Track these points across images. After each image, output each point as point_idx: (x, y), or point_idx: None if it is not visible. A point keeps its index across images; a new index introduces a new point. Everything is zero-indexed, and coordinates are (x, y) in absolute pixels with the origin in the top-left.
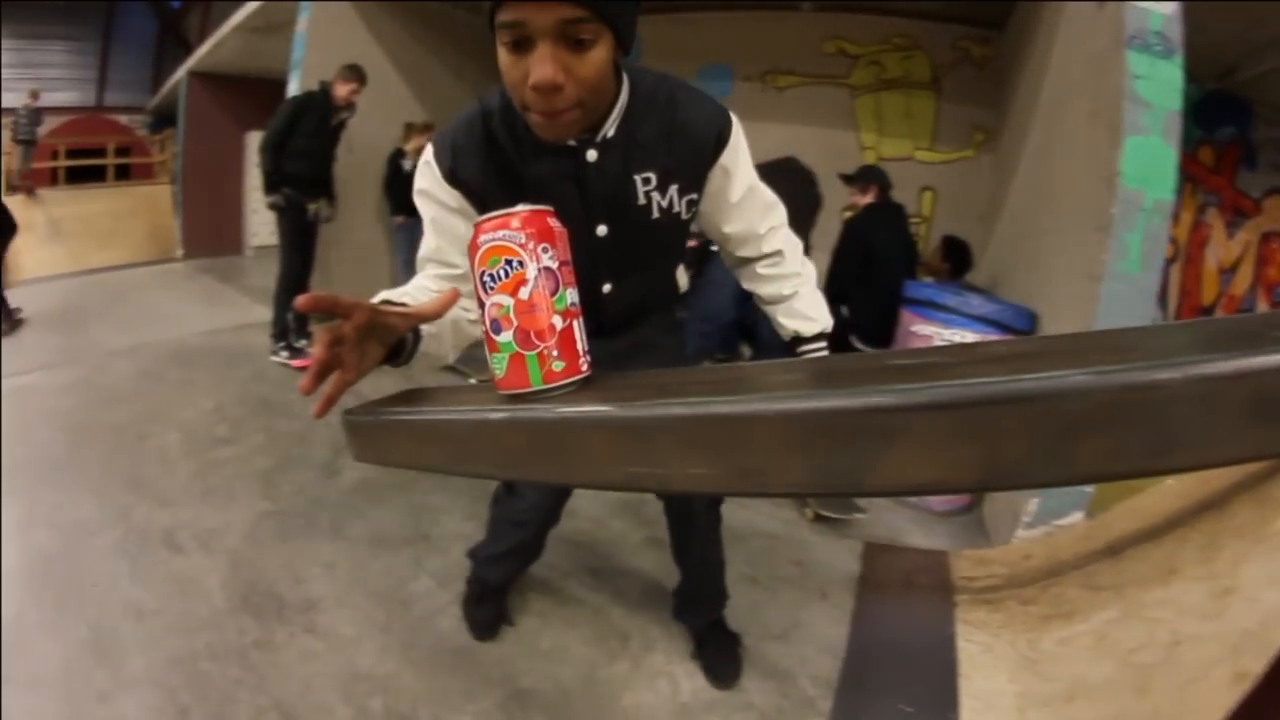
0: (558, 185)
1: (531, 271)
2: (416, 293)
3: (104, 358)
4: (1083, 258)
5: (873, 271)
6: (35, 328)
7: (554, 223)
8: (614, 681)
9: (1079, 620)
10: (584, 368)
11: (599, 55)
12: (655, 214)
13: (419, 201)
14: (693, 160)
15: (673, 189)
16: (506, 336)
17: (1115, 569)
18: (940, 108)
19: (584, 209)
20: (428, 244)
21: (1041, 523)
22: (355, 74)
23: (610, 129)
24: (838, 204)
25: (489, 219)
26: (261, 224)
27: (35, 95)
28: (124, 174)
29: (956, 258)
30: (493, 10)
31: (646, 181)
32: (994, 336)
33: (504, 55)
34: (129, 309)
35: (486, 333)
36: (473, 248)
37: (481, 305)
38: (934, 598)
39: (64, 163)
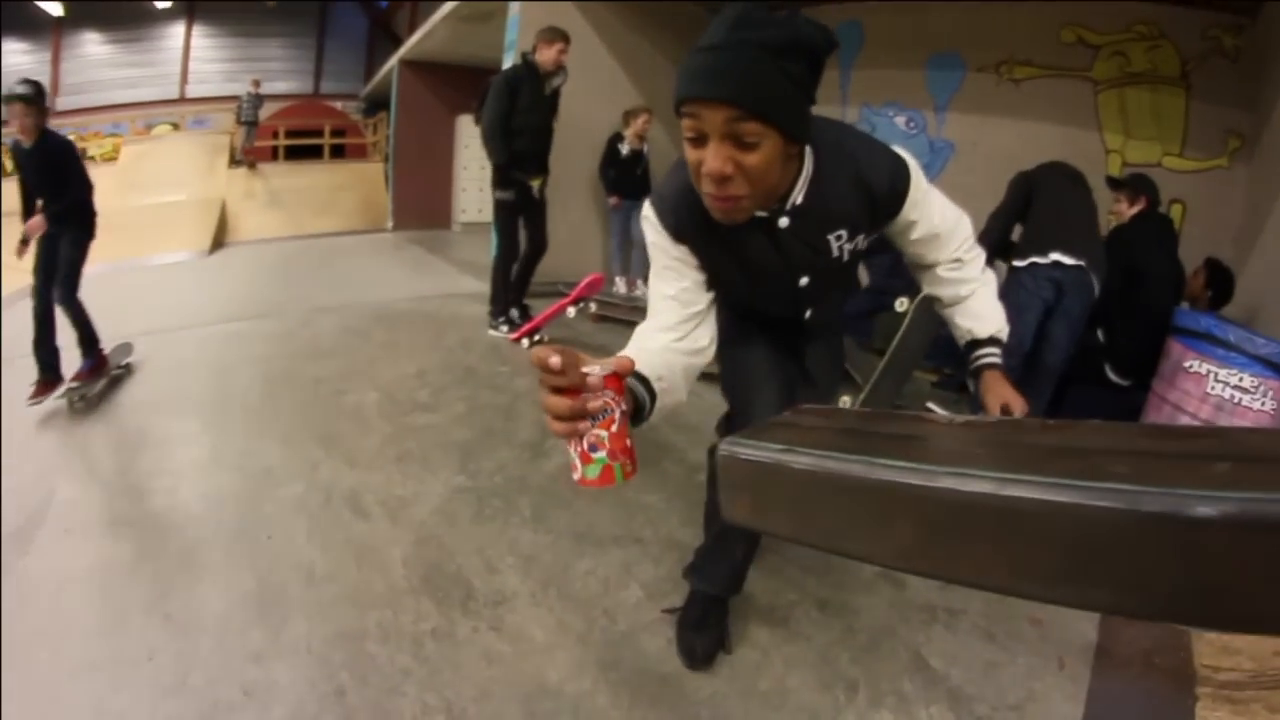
0: (758, 249)
1: (618, 415)
2: (640, 352)
3: (311, 313)
4: None
5: (1140, 292)
6: (247, 282)
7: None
8: None
9: None
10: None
11: (764, 153)
12: (846, 258)
13: (652, 252)
14: (878, 215)
15: (859, 236)
16: (601, 454)
17: None
18: (1190, 107)
19: (786, 268)
20: (666, 289)
21: None
22: (557, 34)
23: (799, 196)
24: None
25: (605, 374)
26: (470, 201)
27: (257, 83)
28: (338, 153)
29: (1220, 285)
30: (677, 105)
31: (838, 238)
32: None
33: (686, 144)
34: (339, 271)
35: (584, 451)
36: (579, 392)
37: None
38: (1174, 686)
39: (284, 141)
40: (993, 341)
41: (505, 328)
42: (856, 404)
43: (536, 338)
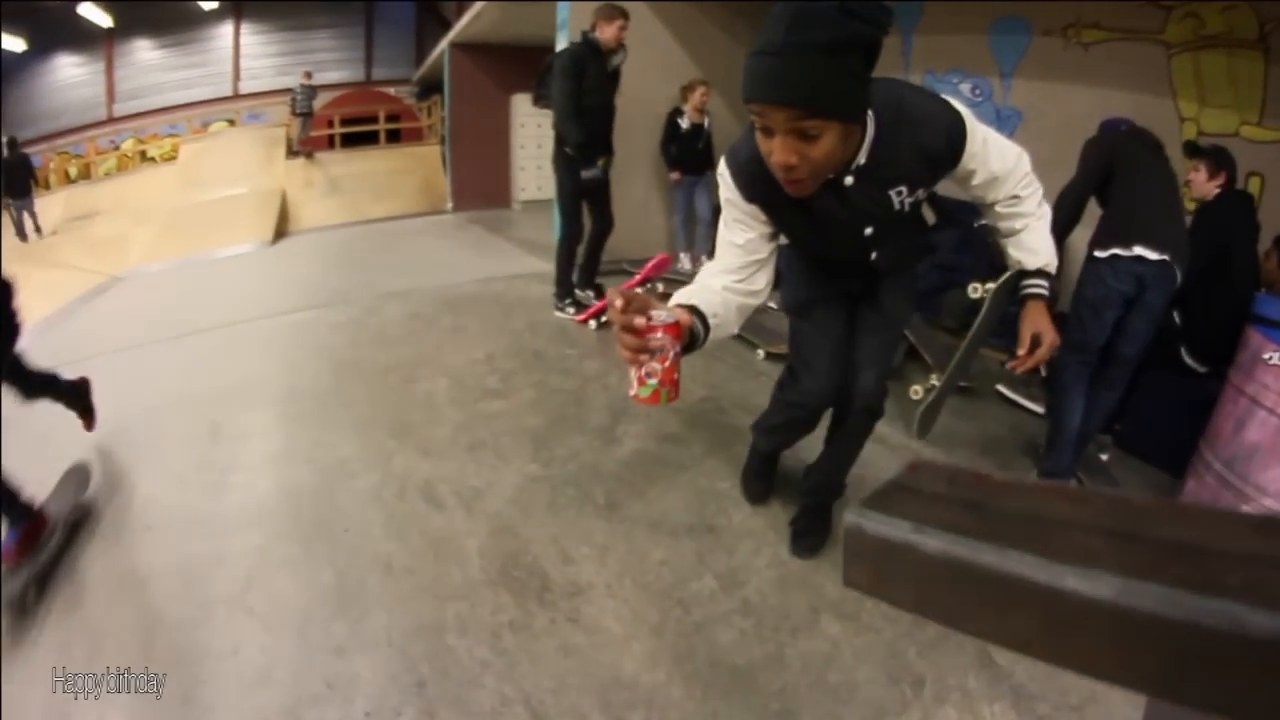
0: (825, 206)
1: (671, 354)
2: (702, 291)
3: (377, 299)
4: None
5: (1222, 276)
6: (312, 270)
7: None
8: None
9: None
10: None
11: (826, 143)
12: (908, 209)
13: (725, 205)
14: (937, 169)
15: (919, 190)
16: (653, 381)
17: None
18: (1269, 72)
19: (851, 220)
20: (734, 239)
21: None
22: (617, 11)
23: (862, 158)
24: None
25: (664, 323)
26: (529, 180)
27: (309, 75)
28: (394, 138)
29: None
30: (746, 96)
31: (899, 193)
32: None
33: (758, 134)
34: (402, 255)
35: (641, 376)
36: (653, 330)
37: (651, 359)
38: None
39: (339, 130)
40: (1040, 274)
41: (572, 309)
42: (929, 398)
43: (604, 319)
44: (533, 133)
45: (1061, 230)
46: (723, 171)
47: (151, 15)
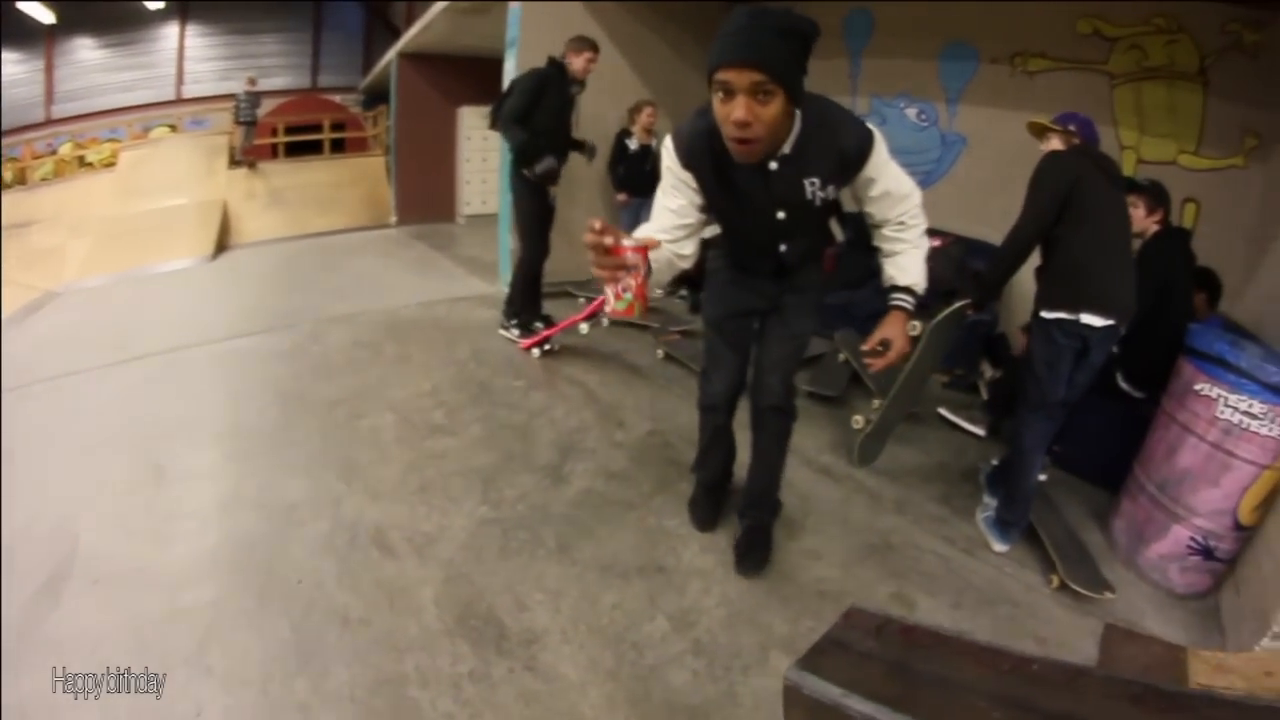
0: (752, 185)
1: (643, 271)
2: (654, 232)
3: (319, 324)
4: None
5: (1163, 309)
6: (253, 290)
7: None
8: None
9: None
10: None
11: (775, 106)
12: (817, 203)
13: (665, 172)
14: (845, 170)
15: (830, 186)
16: (628, 295)
17: None
18: (1207, 103)
19: (769, 202)
20: (668, 203)
21: None
22: (588, 44)
23: (787, 148)
24: None
25: (634, 245)
26: (474, 193)
27: (253, 81)
28: (339, 147)
29: (1213, 289)
30: (711, 73)
31: (813, 184)
32: None
33: (716, 101)
34: (345, 274)
35: (618, 292)
36: (623, 250)
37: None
38: None
39: (283, 138)
40: (908, 290)
41: (516, 332)
42: (870, 426)
43: (547, 347)
44: (479, 145)
45: (1005, 275)
46: (667, 143)
47: (95, 14)
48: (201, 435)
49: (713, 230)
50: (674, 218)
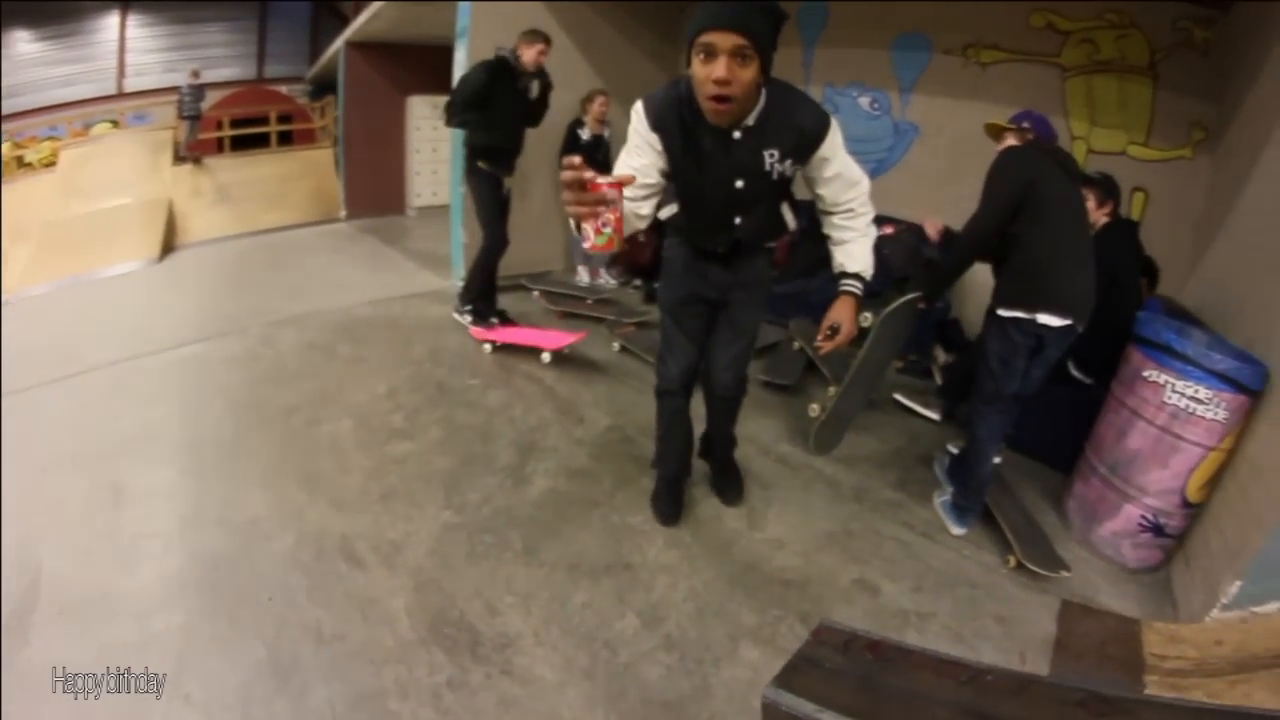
0: (715, 152)
1: (620, 205)
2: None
3: (271, 326)
4: None
5: (1110, 296)
6: (202, 293)
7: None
8: None
9: None
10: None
11: (752, 70)
12: (774, 176)
13: (631, 133)
14: (802, 148)
15: (787, 161)
16: (608, 230)
17: None
18: (1156, 97)
19: (729, 170)
20: (632, 161)
21: (1239, 606)
22: (540, 37)
23: (751, 120)
24: None
25: (610, 181)
26: (425, 184)
27: (196, 74)
28: (286, 140)
29: (1151, 275)
30: (694, 35)
31: (771, 155)
32: None
33: (697, 63)
34: (295, 272)
35: (598, 227)
36: (599, 186)
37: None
38: (1125, 674)
39: (228, 132)
40: (856, 276)
41: (469, 318)
42: (825, 414)
43: (500, 343)
44: (428, 136)
45: (958, 271)
46: (637, 107)
47: (31, 4)
48: (158, 450)
49: (669, 211)
50: (636, 175)
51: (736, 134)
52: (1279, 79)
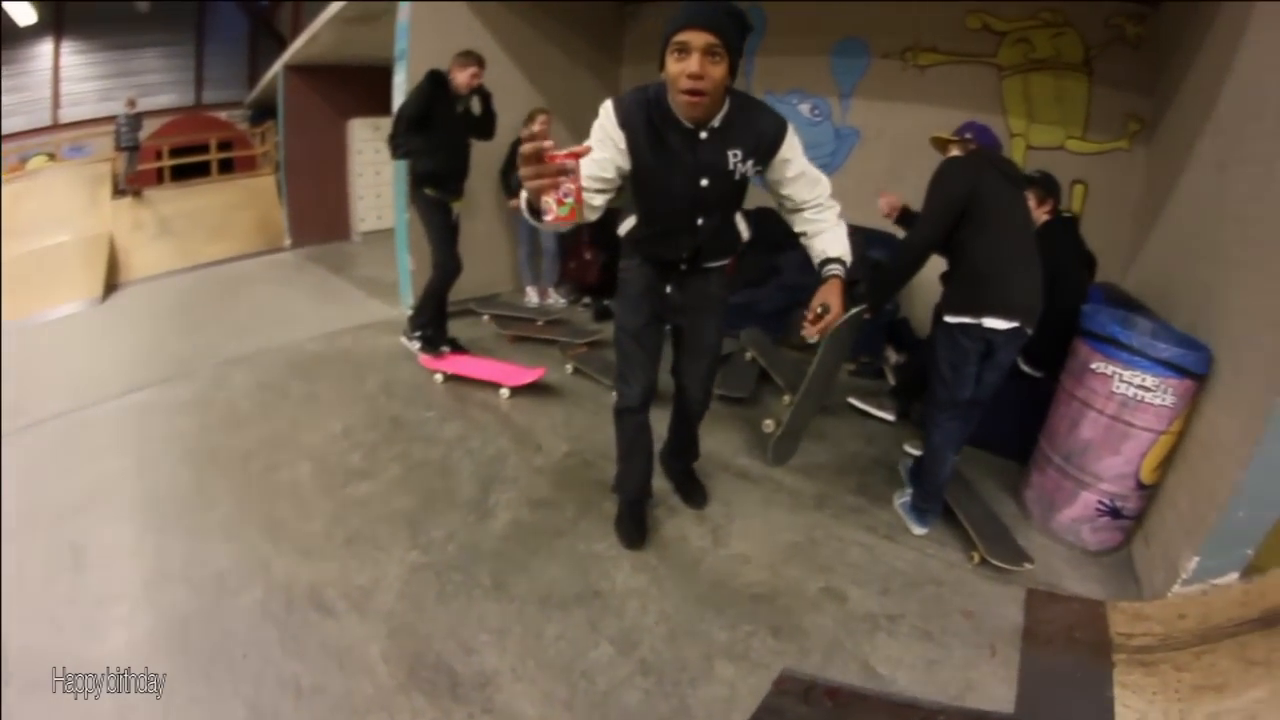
0: (682, 150)
1: (580, 175)
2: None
3: (221, 367)
4: (1277, 310)
5: (1054, 296)
6: (148, 334)
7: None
8: None
9: (1230, 695)
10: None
11: (722, 68)
12: (737, 176)
13: (596, 129)
14: (763, 149)
15: (749, 162)
16: (570, 200)
17: (1268, 643)
18: (1092, 92)
19: (695, 168)
20: (592, 156)
21: (1199, 580)
22: (473, 59)
23: (716, 122)
24: None
25: (573, 152)
26: (369, 209)
27: (132, 102)
28: (227, 168)
29: (1090, 266)
30: (670, 34)
31: (734, 155)
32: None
33: (671, 60)
34: (242, 307)
35: (559, 198)
36: (557, 157)
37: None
38: (1093, 656)
39: (168, 162)
40: (838, 261)
41: (417, 344)
42: (780, 429)
43: (450, 374)
44: (371, 159)
45: (902, 279)
46: (605, 105)
47: None
48: (115, 506)
49: (627, 225)
50: (594, 167)
51: (703, 134)
52: (1209, 70)
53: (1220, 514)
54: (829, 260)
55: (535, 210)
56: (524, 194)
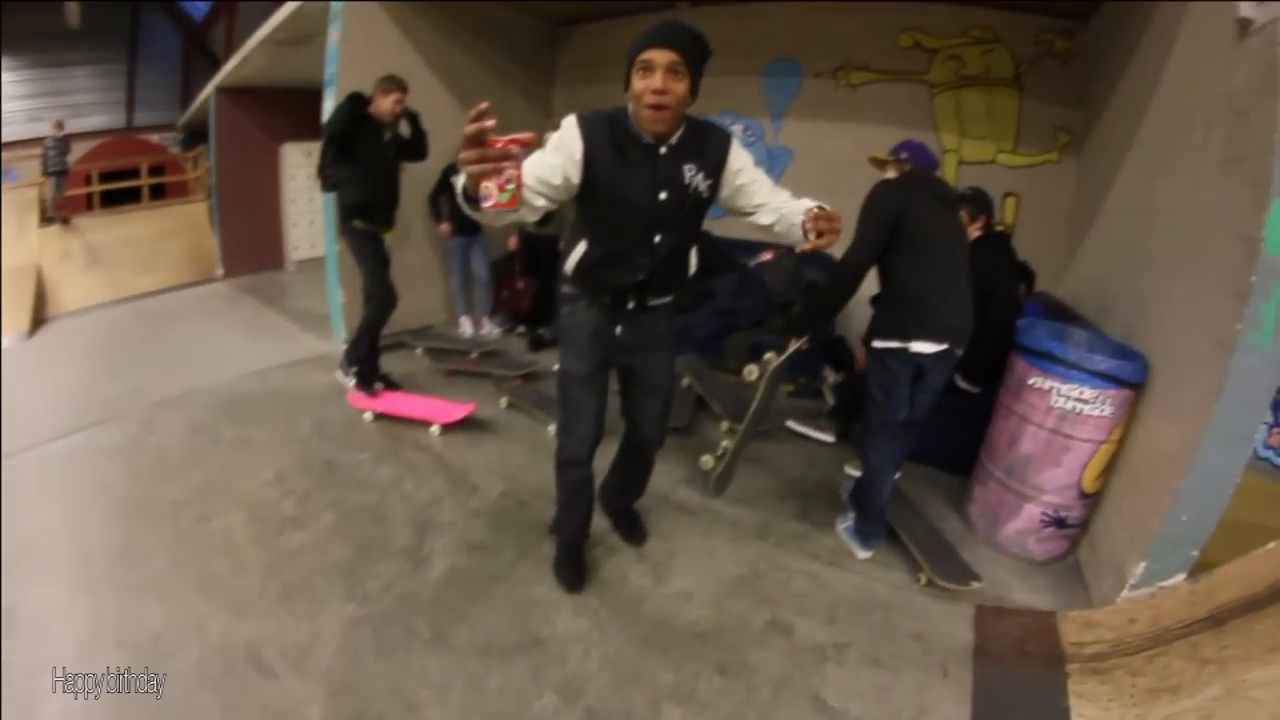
0: (642, 165)
1: (523, 162)
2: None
3: (151, 409)
4: (1209, 318)
5: (988, 311)
6: (77, 373)
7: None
8: None
9: (1185, 696)
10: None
11: (684, 85)
12: (692, 190)
13: (555, 136)
14: (713, 160)
15: (701, 174)
16: (512, 186)
17: (1219, 641)
18: (1022, 106)
19: (654, 182)
20: (544, 157)
21: (1147, 584)
22: (396, 84)
23: (674, 139)
24: None
25: (516, 138)
26: (303, 236)
27: (60, 125)
28: (159, 193)
29: (1029, 279)
30: (635, 53)
31: (690, 170)
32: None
33: (637, 77)
34: (173, 343)
35: (501, 184)
36: (500, 141)
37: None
38: (1047, 668)
39: (98, 187)
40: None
41: (352, 381)
42: (719, 467)
43: (381, 412)
44: (304, 184)
45: (836, 306)
46: (568, 118)
47: None
48: (44, 565)
49: (575, 259)
50: (544, 170)
51: (663, 149)
52: (1136, 84)
53: (1164, 518)
54: (805, 210)
55: (473, 198)
56: (460, 180)
